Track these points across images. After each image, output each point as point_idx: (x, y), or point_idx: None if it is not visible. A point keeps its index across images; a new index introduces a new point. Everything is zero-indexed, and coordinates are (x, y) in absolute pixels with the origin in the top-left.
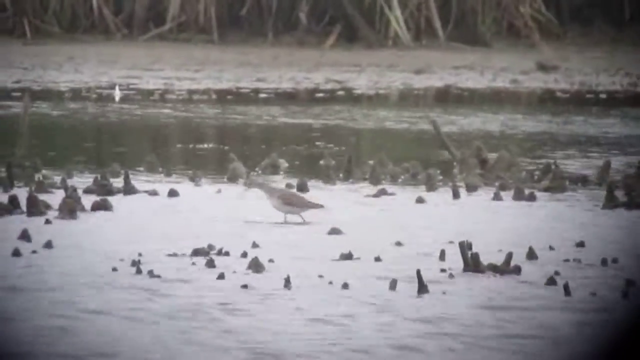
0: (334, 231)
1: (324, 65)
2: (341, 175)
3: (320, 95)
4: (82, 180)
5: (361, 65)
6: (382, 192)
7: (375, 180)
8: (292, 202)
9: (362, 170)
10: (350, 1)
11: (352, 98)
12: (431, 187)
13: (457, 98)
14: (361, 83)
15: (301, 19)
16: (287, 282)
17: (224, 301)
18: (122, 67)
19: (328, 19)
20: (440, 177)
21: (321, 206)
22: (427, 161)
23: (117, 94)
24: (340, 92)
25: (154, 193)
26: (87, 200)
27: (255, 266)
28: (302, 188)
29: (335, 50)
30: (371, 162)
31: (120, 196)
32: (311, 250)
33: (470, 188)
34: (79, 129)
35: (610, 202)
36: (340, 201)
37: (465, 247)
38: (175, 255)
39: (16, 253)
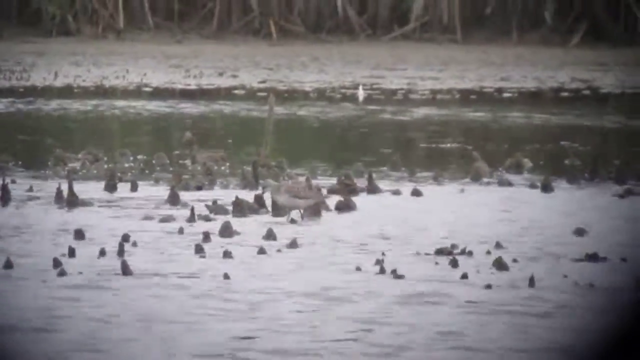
0: (578, 232)
1: (568, 64)
2: (586, 175)
3: (565, 94)
4: (326, 180)
5: (607, 64)
6: (629, 192)
7: (620, 180)
8: (299, 195)
9: (608, 170)
10: None
11: (598, 97)
12: None
13: None
14: (607, 82)
15: (546, 18)
16: (532, 282)
17: (467, 298)
18: (365, 67)
19: (573, 17)
20: None
21: (323, 200)
22: None
23: (361, 94)
24: (586, 92)
25: (397, 193)
26: (332, 200)
27: (499, 265)
28: (547, 188)
29: (581, 49)
30: (617, 162)
31: (364, 195)
32: (553, 249)
33: None
34: (322, 129)
35: None
36: (586, 202)
37: None
38: (418, 254)
39: (261, 251)
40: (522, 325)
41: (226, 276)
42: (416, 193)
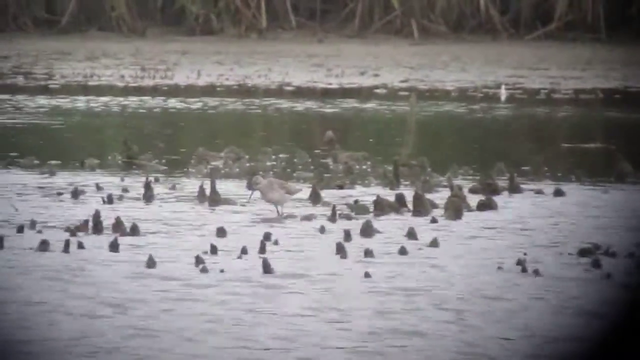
0: None
1: None
2: None
3: None
4: (467, 180)
5: None
6: None
7: None
8: (290, 190)
9: None
10: None
11: None
12: None
13: None
14: None
15: None
16: None
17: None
18: (507, 66)
19: None
20: None
21: (301, 190)
22: None
23: (503, 93)
24: None
25: (539, 192)
26: (473, 200)
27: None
28: None
29: None
30: None
31: (505, 195)
32: None
33: None
34: (464, 128)
35: None
36: None
37: None
38: (560, 254)
39: (402, 251)
40: None
41: (367, 275)
42: (558, 193)
